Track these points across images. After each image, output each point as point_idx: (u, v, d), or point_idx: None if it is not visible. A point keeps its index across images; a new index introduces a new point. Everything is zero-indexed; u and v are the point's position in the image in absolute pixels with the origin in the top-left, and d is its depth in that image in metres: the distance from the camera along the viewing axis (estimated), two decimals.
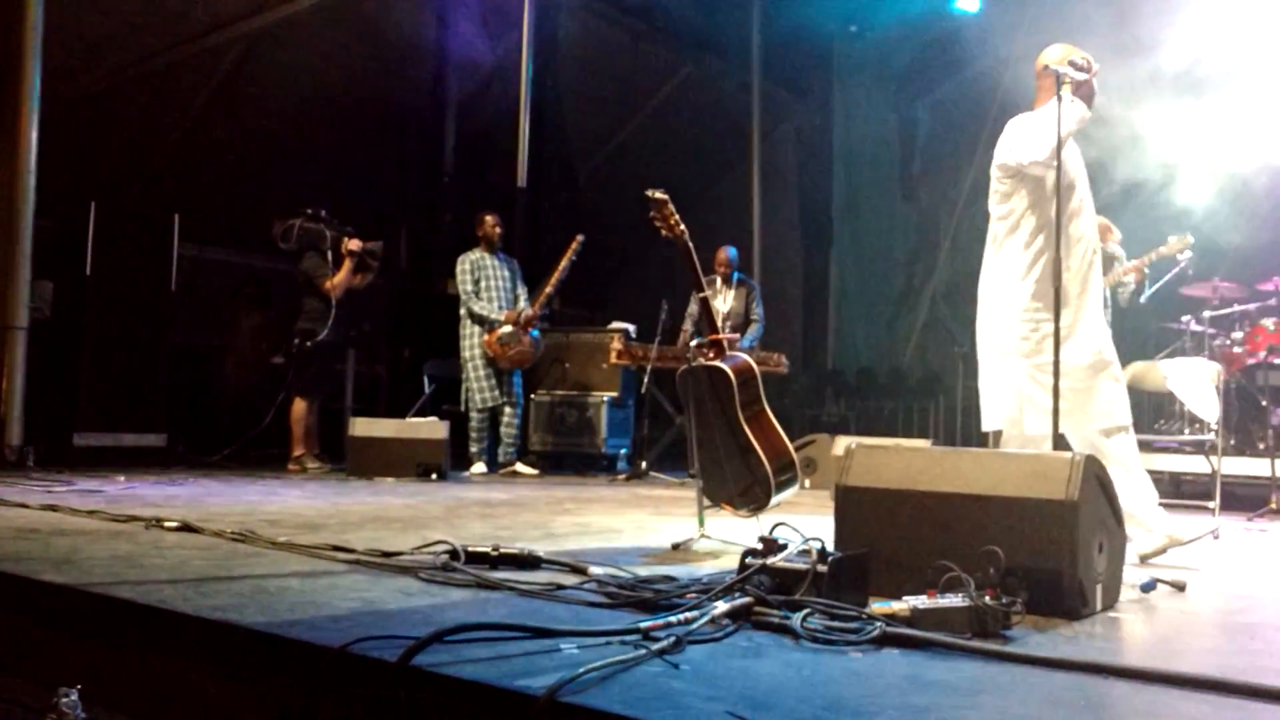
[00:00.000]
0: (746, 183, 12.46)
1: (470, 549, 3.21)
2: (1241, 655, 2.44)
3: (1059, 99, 3.88)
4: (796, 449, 4.62)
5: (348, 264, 7.63)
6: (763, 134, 12.45)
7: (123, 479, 6.21)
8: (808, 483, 7.30)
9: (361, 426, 7.36)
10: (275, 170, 9.60)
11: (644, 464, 8.22)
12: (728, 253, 8.45)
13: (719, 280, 8.38)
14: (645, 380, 7.83)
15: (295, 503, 5.23)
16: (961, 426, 10.42)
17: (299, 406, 7.58)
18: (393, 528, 4.24)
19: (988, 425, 4.22)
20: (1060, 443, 3.83)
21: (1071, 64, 4.03)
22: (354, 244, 7.66)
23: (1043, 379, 3.90)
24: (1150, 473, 7.28)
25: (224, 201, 9.45)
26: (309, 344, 7.48)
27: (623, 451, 8.95)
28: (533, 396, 8.94)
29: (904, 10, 11.77)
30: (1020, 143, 4.03)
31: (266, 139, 9.67)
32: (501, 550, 3.19)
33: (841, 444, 6.76)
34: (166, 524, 3.93)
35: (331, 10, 9.54)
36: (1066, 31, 4.37)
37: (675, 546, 3.89)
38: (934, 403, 11.61)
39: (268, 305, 9.58)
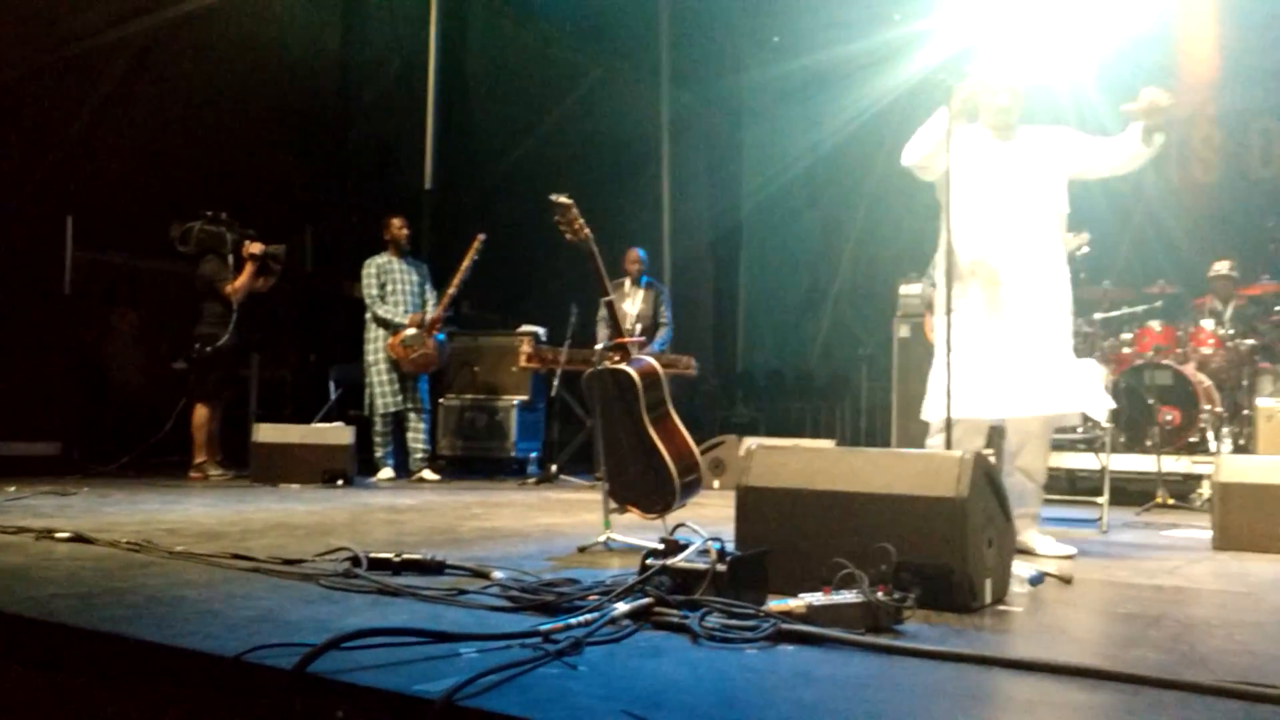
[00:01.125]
0: (656, 186, 12.54)
1: (373, 555, 3.18)
2: (1122, 645, 2.54)
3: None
4: (705, 451, 4.68)
5: (249, 268, 7.51)
6: (672, 138, 12.53)
7: (12, 489, 6.01)
8: (716, 484, 7.39)
9: (266, 432, 7.24)
10: (175, 172, 9.37)
11: (554, 467, 8.22)
12: (638, 252, 8.52)
13: (628, 281, 8.43)
14: (555, 383, 7.82)
15: (196, 511, 5.12)
16: (866, 427, 10.63)
17: (200, 413, 7.43)
18: (296, 535, 4.19)
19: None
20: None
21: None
22: (255, 247, 7.54)
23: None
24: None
25: (121, 204, 9.19)
26: (210, 349, 7.35)
27: (533, 455, 8.93)
28: (441, 401, 8.87)
29: (813, 23, 11.98)
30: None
31: (165, 140, 9.42)
32: (404, 556, 3.17)
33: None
34: (58, 535, 3.81)
35: (232, 10, 9.36)
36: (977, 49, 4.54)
37: (582, 550, 3.91)
38: (840, 404, 11.83)
39: (137, 304, 9.30)
